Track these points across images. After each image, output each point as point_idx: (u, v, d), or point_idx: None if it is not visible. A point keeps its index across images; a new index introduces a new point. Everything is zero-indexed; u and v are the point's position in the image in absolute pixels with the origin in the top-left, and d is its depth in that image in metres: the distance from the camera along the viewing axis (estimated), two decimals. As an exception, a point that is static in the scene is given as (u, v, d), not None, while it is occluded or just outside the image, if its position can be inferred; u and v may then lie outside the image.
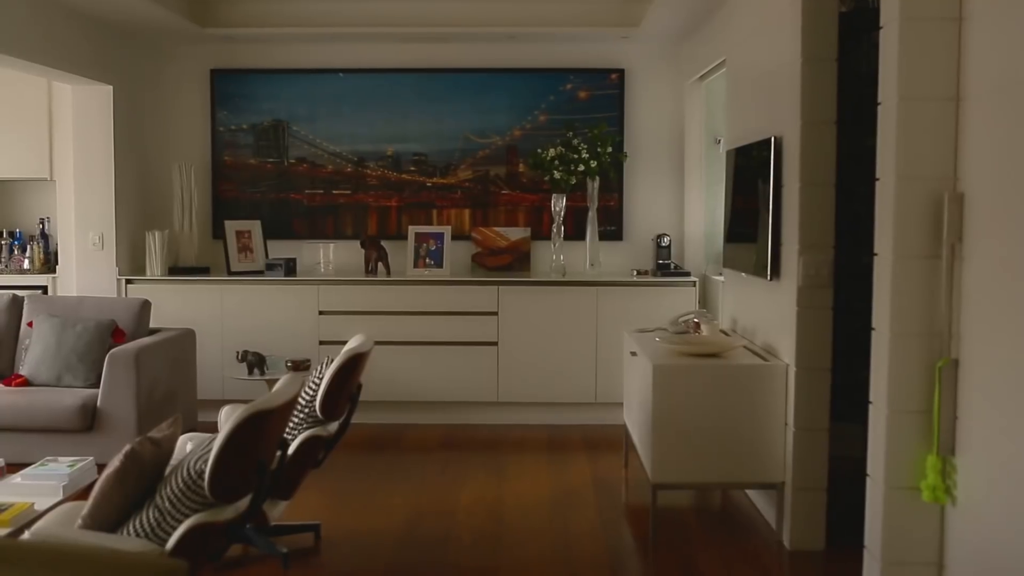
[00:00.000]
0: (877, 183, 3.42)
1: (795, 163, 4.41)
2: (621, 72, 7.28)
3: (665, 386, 4.60)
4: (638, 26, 6.70)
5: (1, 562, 1.93)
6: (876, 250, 3.42)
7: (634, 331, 5.69)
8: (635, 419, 5.28)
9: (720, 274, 6.14)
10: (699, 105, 7.01)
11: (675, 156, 7.30)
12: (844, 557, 4.33)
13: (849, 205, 4.48)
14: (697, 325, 5.33)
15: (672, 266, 6.97)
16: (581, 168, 6.92)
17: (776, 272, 4.67)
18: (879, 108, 3.41)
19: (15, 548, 2.05)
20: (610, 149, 6.97)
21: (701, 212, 6.93)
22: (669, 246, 7.03)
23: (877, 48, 3.45)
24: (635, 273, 6.99)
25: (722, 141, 6.29)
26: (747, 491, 5.26)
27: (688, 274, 6.87)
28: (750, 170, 5.07)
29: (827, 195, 4.38)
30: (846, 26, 4.40)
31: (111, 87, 6.78)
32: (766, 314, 4.93)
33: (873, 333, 3.45)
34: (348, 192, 7.38)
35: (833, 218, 4.39)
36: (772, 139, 4.64)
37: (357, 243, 7.20)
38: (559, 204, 7.00)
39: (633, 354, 5.32)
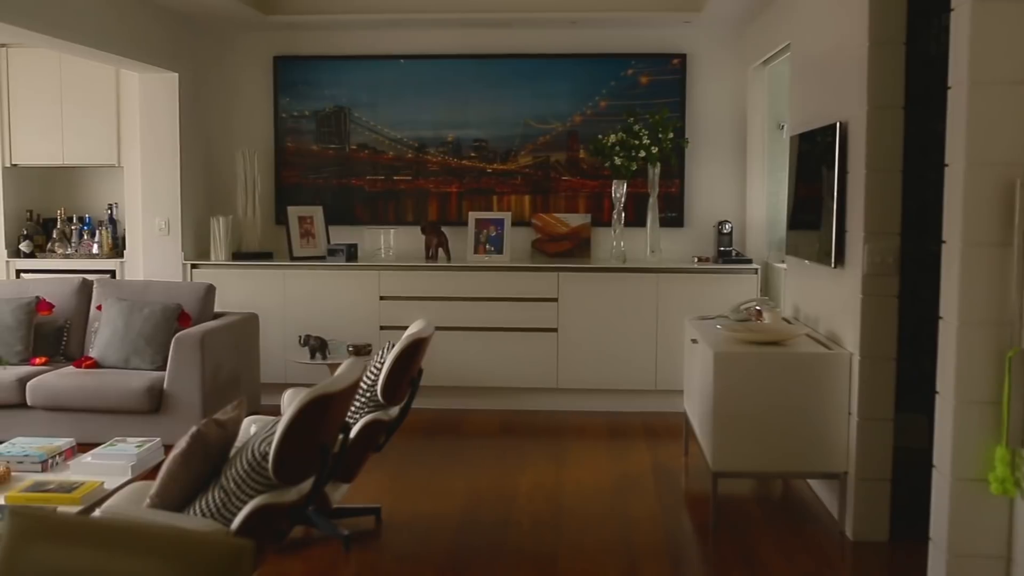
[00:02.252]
0: (946, 169, 3.35)
1: (861, 149, 4.35)
2: (683, 57, 7.21)
3: (726, 374, 4.57)
4: (700, 11, 6.64)
5: (74, 538, 1.98)
6: (944, 237, 3.36)
7: (695, 318, 5.65)
8: (696, 407, 5.25)
9: (782, 261, 6.07)
10: (762, 90, 6.93)
11: (737, 142, 7.23)
12: (908, 549, 4.28)
13: (916, 191, 4.40)
14: (759, 313, 5.28)
15: (734, 253, 6.90)
16: (642, 154, 6.88)
17: (840, 259, 4.61)
18: (949, 92, 3.34)
19: (88, 525, 2.10)
20: (671, 135, 6.92)
21: (763, 199, 6.86)
22: (731, 233, 6.96)
23: (947, 31, 3.38)
24: (696, 260, 6.94)
25: (785, 127, 6.22)
26: (809, 480, 5.21)
27: (750, 261, 6.81)
28: (814, 156, 5.01)
29: (894, 181, 4.31)
30: (915, 8, 4.31)
31: (177, 75, 6.89)
32: (829, 302, 4.87)
33: (940, 322, 3.39)
34: (409, 178, 7.41)
35: (900, 204, 4.32)
36: (837, 124, 4.57)
37: (418, 229, 7.24)
38: (620, 190, 6.97)
39: (694, 341, 5.29)
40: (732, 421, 4.57)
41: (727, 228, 6.96)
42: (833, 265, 4.63)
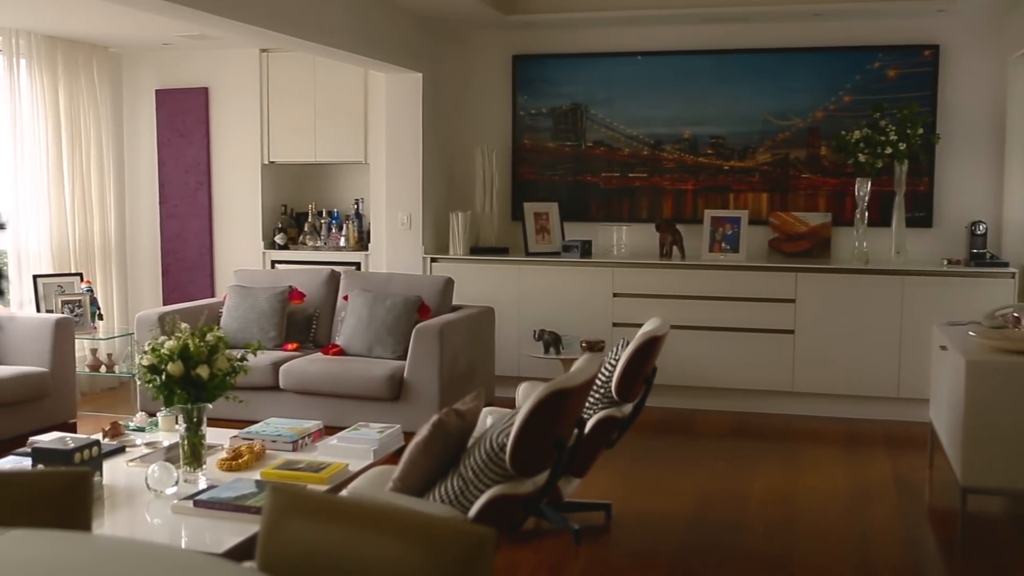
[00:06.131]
0: None
1: None
2: (935, 48, 6.84)
3: (980, 383, 4.30)
4: (956, -1, 6.29)
5: (326, 516, 2.08)
6: None
7: (944, 324, 5.36)
8: (943, 417, 4.98)
9: (1044, 265, 5.67)
10: (1024, 82, 6.49)
11: (994, 138, 6.79)
12: None
13: None
14: (1017, 320, 4.94)
15: (988, 256, 6.49)
16: (888, 151, 6.57)
17: (1113, 264, 4.25)
18: None
19: (338, 504, 2.20)
20: (920, 130, 6.59)
21: (1023, 198, 6.42)
22: (985, 234, 6.56)
23: None
24: (945, 262, 6.57)
25: (1050, 121, 5.80)
26: (1070, 501, 4.85)
27: (1006, 265, 6.39)
28: (1084, 152, 4.64)
29: None
30: None
31: (421, 75, 7.13)
32: (1099, 310, 4.51)
33: None
34: (644, 175, 7.38)
35: None
36: (1113, 118, 4.22)
37: (652, 226, 7.20)
38: (863, 188, 6.69)
39: (943, 348, 5.02)
40: (985, 434, 4.30)
41: (981, 229, 6.56)
42: (1104, 270, 4.29)
